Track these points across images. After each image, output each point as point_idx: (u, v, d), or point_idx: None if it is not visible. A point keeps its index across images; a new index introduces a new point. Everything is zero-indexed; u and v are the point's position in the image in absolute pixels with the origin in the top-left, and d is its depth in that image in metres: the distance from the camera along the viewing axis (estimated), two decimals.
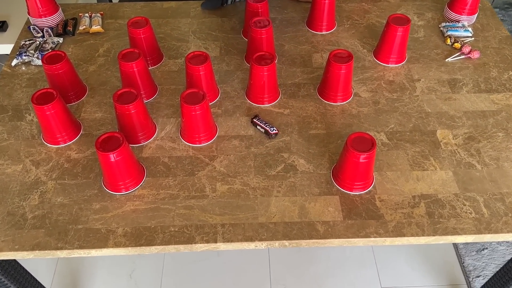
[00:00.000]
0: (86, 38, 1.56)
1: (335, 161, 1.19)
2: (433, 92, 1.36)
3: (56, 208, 1.10)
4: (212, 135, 1.25)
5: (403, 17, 1.39)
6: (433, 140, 1.24)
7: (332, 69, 1.28)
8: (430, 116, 1.30)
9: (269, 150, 1.22)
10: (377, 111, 1.32)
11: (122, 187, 1.12)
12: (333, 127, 1.28)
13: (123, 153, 1.07)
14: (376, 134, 1.26)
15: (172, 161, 1.20)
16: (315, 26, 1.57)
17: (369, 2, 1.68)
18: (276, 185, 1.14)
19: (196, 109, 1.16)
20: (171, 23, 1.61)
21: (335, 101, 1.34)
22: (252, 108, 1.33)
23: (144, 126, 1.22)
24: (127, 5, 1.69)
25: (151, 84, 1.36)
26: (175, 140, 1.25)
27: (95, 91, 1.38)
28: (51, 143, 1.24)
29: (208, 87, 1.32)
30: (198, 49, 1.52)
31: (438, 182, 1.15)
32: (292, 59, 1.48)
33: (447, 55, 1.48)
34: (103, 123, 1.29)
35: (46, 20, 1.55)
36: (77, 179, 1.16)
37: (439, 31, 1.56)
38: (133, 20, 1.40)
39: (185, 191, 1.13)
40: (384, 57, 1.44)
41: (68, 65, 1.29)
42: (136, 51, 1.29)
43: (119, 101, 1.16)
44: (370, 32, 1.57)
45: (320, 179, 1.16)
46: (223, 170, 1.18)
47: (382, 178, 1.16)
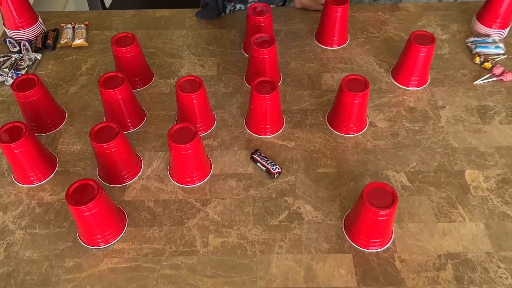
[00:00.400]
0: (68, 53, 1.39)
1: (347, 208, 1.03)
2: (460, 123, 1.19)
3: (23, 265, 0.95)
4: (205, 174, 1.09)
5: (427, 34, 1.20)
6: (461, 183, 1.07)
7: (345, 98, 1.10)
8: (457, 152, 1.13)
9: (271, 193, 1.06)
10: (396, 145, 1.15)
11: (99, 241, 0.97)
12: (345, 165, 1.11)
13: (99, 204, 0.91)
14: (396, 175, 1.09)
15: (158, 206, 1.04)
16: (325, 40, 1.39)
17: (386, 11, 1.50)
18: (278, 239, 0.98)
19: (187, 148, 0.99)
20: (163, 36, 1.44)
21: (347, 132, 1.17)
22: (252, 140, 1.17)
23: (127, 164, 1.06)
24: (116, 13, 1.52)
25: (138, 111, 1.19)
26: (163, 179, 1.09)
27: (75, 117, 1.22)
28: (22, 182, 1.08)
29: (202, 116, 1.15)
30: (193, 66, 1.35)
31: (467, 237, 0.98)
32: (299, 80, 1.31)
33: (476, 77, 1.29)
34: (82, 158, 1.13)
35: (24, 32, 1.39)
36: (49, 228, 1.01)
37: (466, 47, 1.38)
38: (117, 36, 1.22)
39: (172, 245, 0.98)
40: (404, 79, 1.26)
41: (41, 91, 1.13)
42: (119, 75, 1.12)
43: (97, 139, 1.00)
44: (387, 48, 1.39)
45: (330, 231, 0.99)
46: (217, 219, 1.02)
47: (403, 231, 0.99)
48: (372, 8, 1.51)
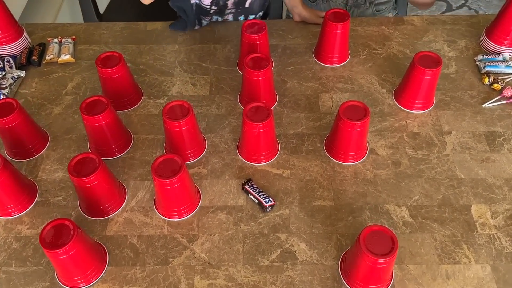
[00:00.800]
0: (53, 70, 1.32)
1: (344, 246, 0.96)
2: (467, 151, 1.11)
3: None
4: (193, 206, 1.02)
5: (433, 56, 1.12)
6: (467, 219, 1.00)
7: (343, 126, 1.03)
8: (463, 184, 1.05)
9: (263, 229, 0.99)
10: (398, 175, 1.07)
11: (79, 282, 0.91)
12: (343, 197, 1.04)
13: (76, 246, 0.84)
14: (397, 209, 1.01)
15: (142, 243, 0.98)
16: (324, 58, 1.31)
17: (390, 25, 1.41)
18: (269, 281, 0.92)
19: (172, 182, 0.93)
20: (154, 51, 1.37)
21: (346, 160, 1.09)
22: (244, 168, 1.10)
23: (109, 197, 1.00)
24: (105, 26, 1.45)
25: (124, 136, 1.12)
26: (148, 212, 1.03)
27: (58, 141, 1.16)
28: (0, 214, 1.02)
29: (191, 142, 1.08)
30: (184, 85, 1.28)
31: (472, 282, 0.91)
32: (296, 101, 1.23)
33: (485, 99, 1.21)
34: (63, 187, 1.07)
35: (8, 47, 1.32)
36: (26, 266, 0.95)
37: (474, 66, 1.29)
38: (102, 56, 1.15)
39: (155, 287, 0.91)
40: (408, 101, 1.19)
41: (21, 116, 1.06)
42: (103, 100, 1.05)
43: (76, 172, 0.93)
44: (390, 66, 1.31)
45: (325, 273, 0.93)
46: (204, 257, 0.95)
47: (403, 274, 0.92)
48: (375, 21, 1.43)
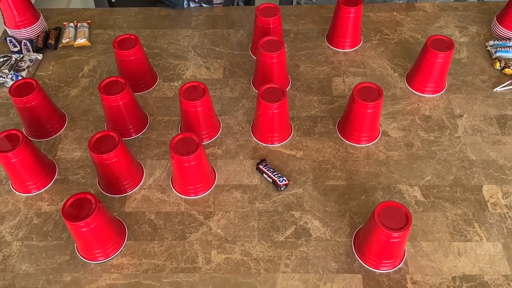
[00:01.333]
0: (69, 53, 1.34)
1: (357, 224, 0.98)
2: (479, 133, 1.12)
3: (19, 279, 0.92)
4: (209, 185, 1.04)
5: (445, 39, 1.14)
6: (478, 199, 1.01)
7: (357, 107, 1.05)
8: (474, 165, 1.07)
9: (277, 207, 1.01)
10: (410, 156, 1.09)
11: (98, 255, 0.93)
12: (356, 177, 1.06)
13: (97, 219, 0.87)
14: (409, 189, 1.03)
15: (159, 219, 1.00)
16: (336, 42, 1.32)
17: (401, 11, 1.43)
18: (284, 256, 0.94)
19: (190, 159, 0.95)
20: (168, 35, 1.38)
21: (359, 142, 1.11)
22: (258, 149, 1.12)
23: (128, 174, 1.02)
24: (119, 11, 1.47)
25: (140, 117, 1.15)
26: (165, 190, 1.05)
27: (76, 122, 1.18)
28: (20, 191, 1.05)
29: (207, 123, 1.10)
30: (198, 69, 1.30)
31: (484, 259, 0.93)
32: (308, 84, 1.25)
33: (496, 83, 1.23)
34: (82, 165, 1.09)
35: (25, 31, 1.34)
36: (47, 240, 0.97)
37: (485, 51, 1.31)
38: (119, 38, 1.17)
39: (173, 261, 0.94)
40: (420, 85, 1.20)
41: (40, 96, 1.08)
42: (121, 80, 1.07)
43: (96, 149, 0.96)
44: (402, 51, 1.32)
45: (338, 249, 0.95)
46: (221, 233, 0.98)
47: (416, 251, 0.94)
48: (387, 7, 1.44)
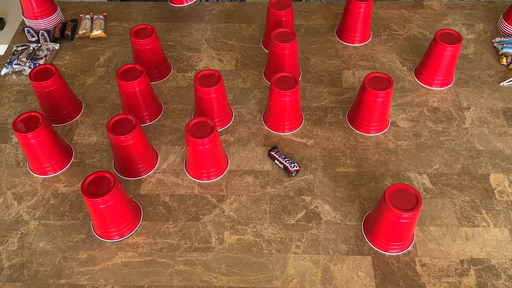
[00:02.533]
0: (86, 44, 1.38)
1: (367, 209, 1.00)
2: (485, 125, 1.15)
3: (37, 256, 0.94)
4: (222, 169, 1.07)
5: (453, 33, 1.17)
6: (486, 187, 1.03)
7: (367, 96, 1.07)
8: (481, 155, 1.09)
9: (288, 192, 1.04)
10: (419, 146, 1.11)
11: (114, 234, 0.95)
12: (365, 165, 1.08)
13: (115, 197, 0.89)
14: (418, 176, 1.05)
15: (173, 201, 1.02)
16: (346, 37, 1.36)
17: (410, 9, 1.46)
18: (295, 238, 0.96)
19: (204, 142, 0.97)
20: (182, 29, 1.42)
21: (368, 131, 1.14)
22: (270, 136, 1.15)
23: (143, 158, 1.05)
24: (134, 5, 1.50)
25: (155, 104, 1.18)
26: (179, 174, 1.07)
27: (92, 109, 1.21)
28: (38, 172, 1.07)
29: (220, 111, 1.13)
30: (211, 60, 1.33)
31: (491, 243, 0.95)
32: (319, 77, 1.28)
33: (502, 78, 1.25)
34: (98, 150, 1.12)
35: (42, 22, 1.38)
36: (63, 220, 1.00)
37: (492, 48, 1.33)
38: (136, 28, 1.21)
39: (187, 240, 0.96)
40: (428, 78, 1.23)
41: (59, 81, 1.11)
42: (138, 68, 1.10)
43: (114, 131, 0.98)
44: (411, 46, 1.35)
45: (348, 232, 0.97)
46: (233, 215, 1.00)
47: (424, 235, 0.96)
48: (396, 5, 1.47)
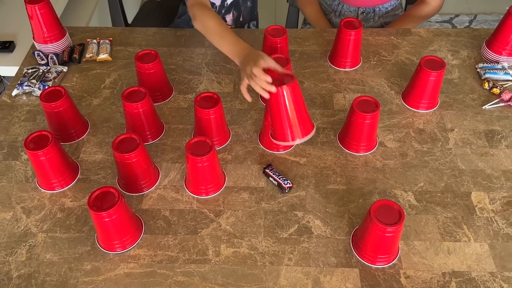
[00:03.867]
0: (92, 67, 1.46)
1: (355, 224, 1.06)
2: (468, 146, 1.22)
3: (44, 267, 1.00)
4: (220, 186, 1.14)
5: (437, 60, 1.25)
6: (467, 204, 1.10)
7: (356, 118, 1.15)
8: (464, 174, 1.16)
9: (282, 207, 1.10)
10: (405, 165, 1.18)
11: (117, 246, 1.01)
12: (354, 182, 1.15)
13: (119, 211, 0.96)
14: (403, 194, 1.12)
15: (173, 215, 1.09)
16: (338, 62, 1.44)
17: (398, 36, 1.55)
18: (287, 251, 1.02)
19: (203, 160, 1.04)
20: (183, 53, 1.50)
21: (357, 151, 1.21)
22: (265, 155, 1.21)
23: (146, 174, 1.11)
24: (139, 30, 1.59)
25: (157, 124, 1.25)
26: (179, 190, 1.14)
27: (97, 128, 1.28)
28: (45, 188, 1.14)
29: (218, 131, 1.20)
30: (211, 83, 1.41)
31: (472, 257, 1.01)
32: (312, 99, 1.36)
33: (484, 102, 1.33)
34: (103, 167, 1.19)
35: (51, 46, 1.46)
36: (69, 233, 1.06)
37: (475, 73, 1.42)
38: (141, 53, 1.29)
39: (186, 253, 1.02)
40: (414, 101, 1.31)
41: (67, 103, 1.19)
42: (142, 90, 1.18)
43: (119, 149, 1.05)
44: (398, 71, 1.43)
45: (338, 246, 1.03)
46: (229, 229, 1.06)
47: (409, 248, 1.02)
48: (385, 32, 1.56)
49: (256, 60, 1.03)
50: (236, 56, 1.10)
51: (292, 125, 1.04)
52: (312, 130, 1.07)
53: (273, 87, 0.99)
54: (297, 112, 1.04)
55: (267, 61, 1.03)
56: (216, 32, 1.18)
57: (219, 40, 1.17)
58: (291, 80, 1.02)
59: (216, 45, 1.19)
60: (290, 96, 1.01)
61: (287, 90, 1.01)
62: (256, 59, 1.03)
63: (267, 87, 1.00)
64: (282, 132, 1.05)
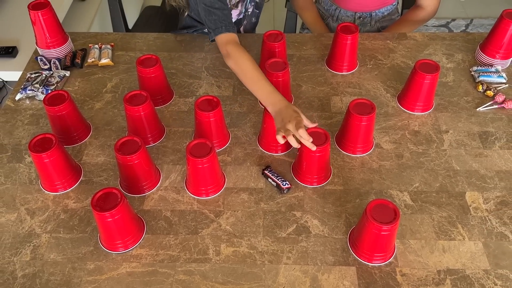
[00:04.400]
0: (94, 71, 1.49)
1: (352, 223, 1.09)
2: (463, 147, 1.25)
3: (48, 266, 1.02)
4: (220, 187, 1.16)
5: (432, 63, 1.28)
6: (462, 203, 1.12)
7: (352, 121, 1.17)
8: (458, 174, 1.19)
9: (280, 207, 1.13)
10: (401, 166, 1.21)
11: (119, 246, 1.04)
12: (351, 183, 1.17)
13: (121, 212, 0.98)
14: (399, 194, 1.15)
15: (174, 216, 1.11)
16: (335, 66, 1.47)
17: (394, 40, 1.58)
18: (286, 250, 1.04)
19: (203, 162, 1.07)
20: (184, 58, 1.53)
21: (354, 152, 1.23)
22: (264, 157, 1.24)
23: (147, 176, 1.14)
24: (140, 36, 1.62)
25: (158, 127, 1.28)
26: (180, 191, 1.16)
27: (99, 131, 1.31)
28: (49, 190, 1.16)
29: (218, 133, 1.23)
30: (210, 87, 1.44)
31: (466, 255, 1.03)
32: (309, 102, 1.38)
33: (478, 104, 1.36)
34: (105, 169, 1.21)
35: (54, 51, 1.49)
36: (72, 233, 1.08)
37: (470, 76, 1.45)
38: (142, 58, 1.32)
39: (187, 252, 1.04)
40: (410, 104, 1.33)
41: (70, 106, 1.22)
42: (143, 94, 1.21)
43: (121, 151, 1.08)
44: (394, 74, 1.46)
45: (335, 245, 1.05)
46: (229, 229, 1.08)
47: (405, 247, 1.05)
48: (381, 36, 1.59)
49: (296, 119, 1.10)
50: (270, 105, 1.15)
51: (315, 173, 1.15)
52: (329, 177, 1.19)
53: (314, 147, 1.08)
54: (320, 165, 1.15)
55: (304, 120, 1.12)
56: (251, 77, 1.22)
57: (254, 85, 1.22)
58: (325, 139, 1.11)
59: (248, 88, 1.24)
60: (321, 155, 1.12)
61: (320, 152, 1.10)
62: (296, 118, 1.10)
63: (311, 147, 1.08)
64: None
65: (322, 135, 1.11)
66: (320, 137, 1.10)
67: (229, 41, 1.29)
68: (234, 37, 1.31)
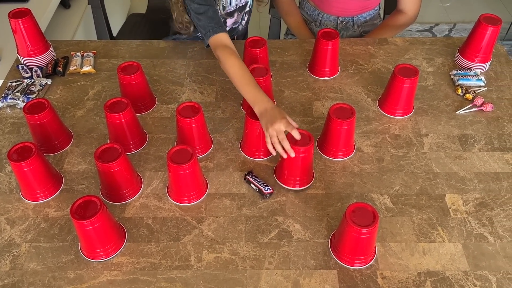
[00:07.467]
0: (76, 79, 1.48)
1: (334, 227, 1.09)
2: (442, 150, 1.26)
3: (28, 276, 1.01)
4: (202, 193, 1.16)
5: (411, 67, 1.29)
6: (442, 206, 1.14)
7: (333, 125, 1.18)
8: (438, 177, 1.20)
9: (262, 212, 1.13)
10: (381, 169, 1.22)
11: (100, 254, 1.03)
12: (333, 187, 1.18)
13: (101, 219, 0.98)
14: (380, 197, 1.15)
15: (156, 223, 1.11)
16: (317, 71, 1.48)
17: (375, 45, 1.60)
18: (268, 255, 1.05)
19: (184, 168, 1.07)
20: (166, 64, 1.54)
21: (335, 156, 1.24)
22: (246, 162, 1.24)
23: (128, 183, 1.14)
24: (122, 43, 1.62)
25: (140, 134, 1.27)
26: (162, 198, 1.16)
27: (81, 139, 1.30)
28: (29, 199, 1.15)
29: (200, 139, 1.23)
30: (193, 93, 1.44)
31: (446, 257, 1.04)
32: (292, 107, 1.39)
33: (458, 107, 1.38)
34: (86, 177, 1.21)
35: (36, 59, 1.48)
36: (53, 242, 1.07)
37: (449, 79, 1.47)
38: (123, 65, 1.32)
39: (168, 259, 1.04)
40: (390, 108, 1.35)
41: (51, 114, 1.21)
42: (124, 101, 1.21)
43: (101, 159, 1.07)
44: (375, 79, 1.48)
45: (317, 249, 1.06)
46: (211, 235, 1.08)
47: (385, 250, 1.05)
48: (362, 42, 1.61)
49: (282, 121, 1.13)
50: (256, 106, 1.18)
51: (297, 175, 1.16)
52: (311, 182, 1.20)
53: (293, 153, 1.10)
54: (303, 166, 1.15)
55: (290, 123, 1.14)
56: (239, 79, 1.25)
57: (242, 88, 1.24)
58: (308, 140, 1.12)
59: (238, 90, 1.27)
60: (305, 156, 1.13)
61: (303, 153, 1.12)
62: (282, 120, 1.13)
63: (290, 153, 1.11)
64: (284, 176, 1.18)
65: (306, 137, 1.12)
66: (303, 138, 1.11)
67: (218, 45, 1.32)
68: (223, 38, 1.34)
